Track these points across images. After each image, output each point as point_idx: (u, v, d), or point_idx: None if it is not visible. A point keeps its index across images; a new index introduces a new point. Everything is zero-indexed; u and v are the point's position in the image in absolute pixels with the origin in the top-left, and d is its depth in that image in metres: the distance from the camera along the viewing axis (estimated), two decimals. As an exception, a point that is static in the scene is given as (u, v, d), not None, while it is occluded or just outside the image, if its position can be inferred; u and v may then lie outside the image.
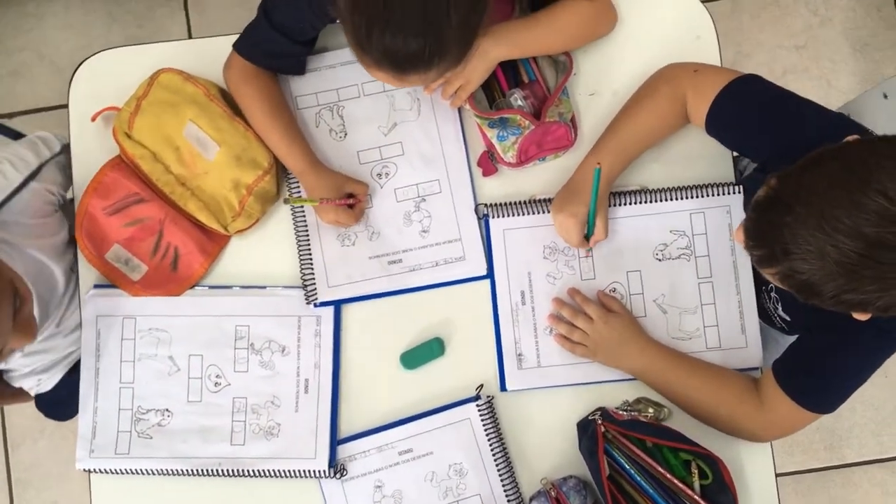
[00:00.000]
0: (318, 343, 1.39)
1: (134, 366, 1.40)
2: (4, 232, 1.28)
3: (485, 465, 1.36)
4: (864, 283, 0.94)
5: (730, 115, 1.27)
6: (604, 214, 1.33)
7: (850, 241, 0.92)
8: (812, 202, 0.95)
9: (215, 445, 1.37)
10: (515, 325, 1.40)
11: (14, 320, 1.15)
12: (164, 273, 1.41)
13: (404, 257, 1.41)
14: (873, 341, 1.18)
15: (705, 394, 1.32)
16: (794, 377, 1.25)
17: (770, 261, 1.01)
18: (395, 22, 1.08)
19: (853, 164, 0.95)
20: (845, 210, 0.92)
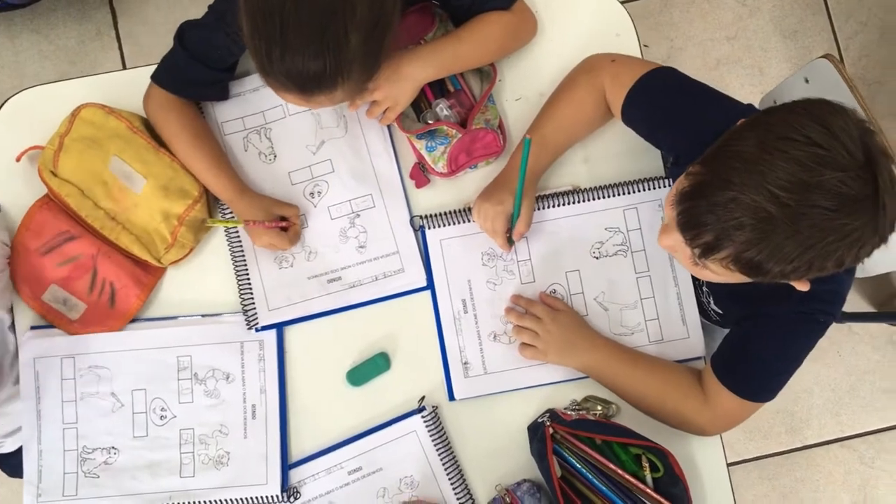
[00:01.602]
0: (263, 368, 1.38)
1: (76, 405, 1.38)
2: None
3: (436, 476, 1.36)
4: (816, 241, 0.95)
5: (644, 107, 1.29)
6: (529, 204, 1.33)
7: (788, 195, 0.93)
8: (748, 169, 0.95)
9: (165, 479, 1.35)
10: (459, 333, 1.40)
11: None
12: (102, 309, 1.39)
13: (343, 274, 1.41)
14: (797, 326, 1.20)
15: (652, 389, 1.33)
16: (730, 370, 1.27)
17: (716, 246, 1.00)
18: (293, 44, 1.09)
19: (776, 125, 0.97)
20: (781, 166, 0.93)
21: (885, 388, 2.40)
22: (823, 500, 2.37)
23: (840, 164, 0.92)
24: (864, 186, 0.93)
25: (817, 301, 1.17)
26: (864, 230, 0.95)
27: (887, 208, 0.94)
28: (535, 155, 1.33)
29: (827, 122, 0.94)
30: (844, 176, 0.92)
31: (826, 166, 0.92)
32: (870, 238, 0.96)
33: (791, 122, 0.96)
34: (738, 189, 0.96)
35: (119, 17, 2.49)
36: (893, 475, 2.37)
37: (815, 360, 2.27)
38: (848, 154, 0.92)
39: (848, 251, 0.96)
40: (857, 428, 2.39)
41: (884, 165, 0.93)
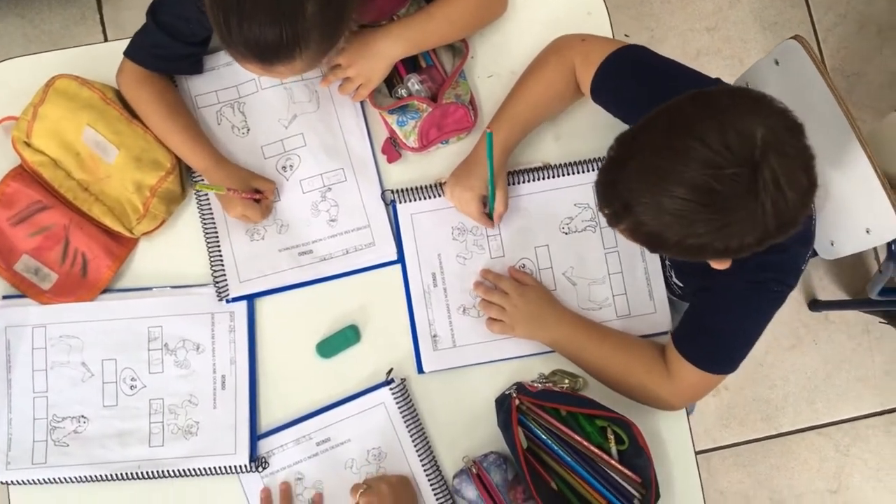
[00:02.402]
0: (233, 339, 1.39)
1: (46, 374, 1.39)
2: None
3: (403, 448, 1.37)
4: (698, 228, 0.98)
5: (613, 85, 1.30)
6: (502, 186, 1.35)
7: (678, 188, 0.96)
8: (644, 156, 1.00)
9: (134, 448, 1.36)
10: (428, 307, 1.41)
11: None
12: (74, 280, 1.40)
13: (314, 247, 1.42)
14: (752, 296, 1.21)
15: (617, 364, 1.34)
16: (690, 342, 1.28)
17: (616, 218, 1.05)
18: (250, 13, 1.10)
19: (677, 117, 1.00)
20: (670, 160, 0.96)
21: (860, 377, 2.42)
22: (798, 487, 2.39)
23: (718, 163, 0.94)
24: (740, 186, 0.94)
25: (771, 270, 1.18)
26: (742, 224, 0.97)
27: (766, 206, 0.95)
28: (505, 132, 1.35)
29: (723, 116, 0.96)
30: (720, 173, 0.94)
31: (705, 163, 0.94)
32: (749, 230, 0.98)
33: (692, 114, 0.99)
34: (629, 172, 1.01)
35: (104, 2, 2.50)
36: (868, 463, 2.39)
37: (791, 348, 2.31)
38: (730, 153, 0.94)
39: (728, 240, 0.99)
40: (832, 416, 2.42)
41: (770, 167, 0.94)
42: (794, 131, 0.97)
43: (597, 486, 1.31)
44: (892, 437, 2.40)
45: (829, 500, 2.38)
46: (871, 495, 2.38)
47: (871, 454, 2.39)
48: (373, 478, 1.32)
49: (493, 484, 1.32)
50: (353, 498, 1.29)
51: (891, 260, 1.79)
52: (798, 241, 1.20)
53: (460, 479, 1.34)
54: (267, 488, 1.36)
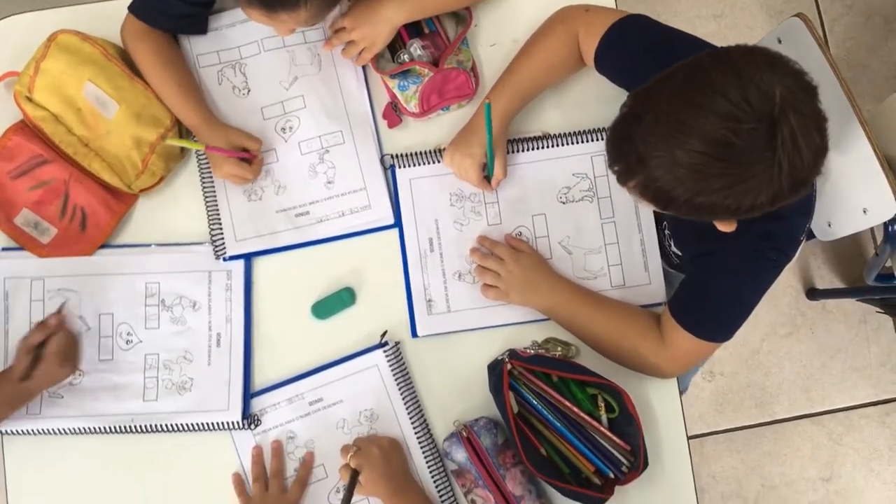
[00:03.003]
0: (230, 297, 1.39)
1: (44, 327, 1.39)
2: None
3: (395, 411, 1.37)
4: (712, 183, 0.98)
5: (616, 53, 1.31)
6: (501, 154, 1.35)
7: (695, 141, 0.96)
8: (660, 109, 0.99)
9: (128, 402, 1.37)
10: (424, 271, 1.42)
11: None
12: (73, 234, 1.41)
13: (311, 209, 1.42)
14: (749, 264, 1.22)
15: (610, 329, 1.35)
16: (685, 309, 1.29)
17: (628, 174, 1.05)
18: None
19: (696, 73, 0.99)
20: (688, 113, 0.96)
21: (855, 367, 2.42)
22: (790, 474, 2.39)
23: (737, 117, 0.94)
24: (759, 141, 0.94)
25: (770, 239, 1.19)
26: (757, 181, 0.97)
27: (783, 164, 0.95)
28: (506, 100, 1.35)
29: (742, 72, 0.95)
30: (739, 127, 0.94)
31: (723, 117, 0.94)
32: (764, 188, 0.97)
33: (711, 68, 0.98)
34: (644, 126, 1.01)
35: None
36: (861, 453, 2.40)
37: (787, 335, 2.31)
38: (750, 107, 0.94)
39: (741, 197, 0.99)
40: (826, 405, 2.42)
41: (789, 124, 0.94)
42: (810, 92, 0.97)
43: (585, 453, 1.32)
44: (885, 428, 2.40)
45: (821, 488, 2.38)
46: (862, 484, 2.38)
47: (863, 444, 2.40)
48: (363, 439, 1.33)
49: (482, 447, 1.32)
50: (344, 459, 1.29)
51: (887, 242, 1.79)
52: (798, 212, 1.21)
53: (450, 442, 1.34)
54: (259, 446, 1.37)
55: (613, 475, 1.31)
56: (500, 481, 1.32)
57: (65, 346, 1.34)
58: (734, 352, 2.41)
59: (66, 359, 1.33)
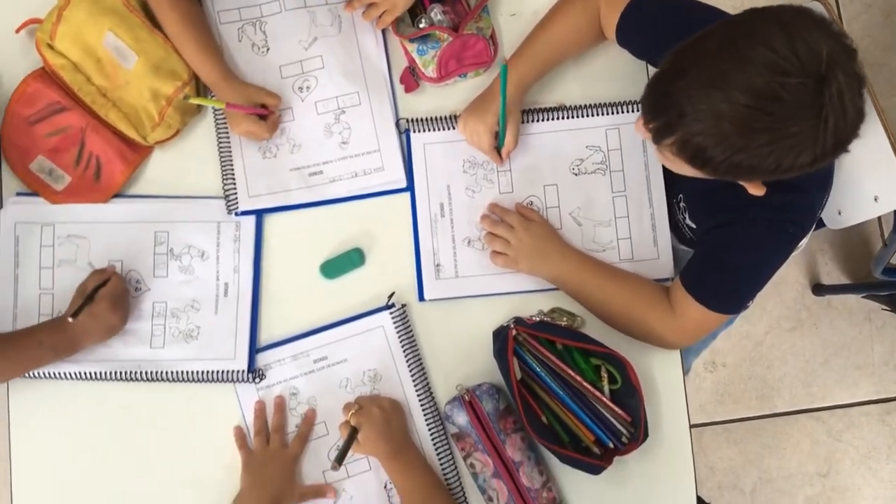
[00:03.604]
0: (238, 248, 1.40)
1: (53, 272, 1.40)
2: None
3: (398, 372, 1.38)
4: (756, 139, 0.97)
5: (638, 26, 1.31)
6: (514, 123, 1.36)
7: (740, 94, 0.95)
8: (703, 63, 0.98)
9: (135, 349, 1.38)
10: (434, 236, 1.42)
11: None
12: (87, 183, 1.42)
13: (325, 169, 1.43)
14: (765, 235, 1.21)
15: (619, 299, 1.35)
16: (698, 281, 1.29)
17: (666, 130, 1.04)
18: None
19: (741, 26, 0.99)
20: (734, 65, 0.95)
21: (858, 364, 2.42)
22: (788, 468, 2.39)
23: (785, 70, 0.93)
24: (807, 96, 0.94)
25: (787, 211, 1.19)
26: (801, 138, 0.96)
27: (829, 122, 0.95)
28: (523, 69, 1.36)
29: (789, 28, 0.95)
30: (787, 81, 0.93)
31: (771, 69, 0.94)
32: (808, 146, 0.97)
33: (757, 23, 0.98)
34: (688, 80, 1.00)
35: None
36: (860, 450, 2.40)
37: (791, 330, 2.31)
38: (798, 61, 0.93)
39: (784, 155, 0.98)
40: (827, 400, 2.42)
41: (837, 81, 0.93)
42: (852, 55, 0.97)
43: (586, 421, 1.33)
44: (885, 426, 2.40)
45: (818, 484, 2.38)
46: (859, 482, 2.39)
47: (862, 441, 2.40)
48: (365, 398, 1.34)
49: (484, 412, 1.33)
50: (345, 417, 1.30)
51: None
52: (817, 186, 1.21)
53: (452, 405, 1.35)
54: (261, 401, 1.38)
55: (613, 445, 1.32)
56: (500, 446, 1.33)
57: (118, 291, 1.34)
58: (737, 343, 2.41)
59: (117, 304, 1.33)
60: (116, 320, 1.34)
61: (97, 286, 1.33)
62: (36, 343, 1.30)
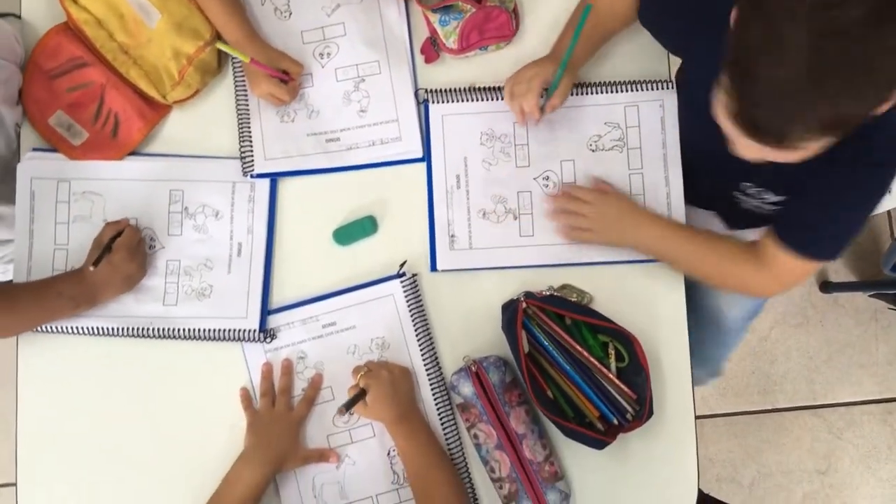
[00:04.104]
0: (252, 209, 1.41)
1: (68, 228, 1.41)
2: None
3: (406, 341, 1.38)
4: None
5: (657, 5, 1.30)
6: (568, 81, 1.34)
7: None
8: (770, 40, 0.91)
9: (148, 305, 1.38)
10: (450, 207, 1.42)
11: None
12: (104, 139, 1.42)
13: (342, 136, 1.43)
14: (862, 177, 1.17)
15: (707, 260, 1.35)
16: (791, 230, 1.26)
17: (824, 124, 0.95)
18: None
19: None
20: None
21: (861, 363, 2.42)
22: (788, 464, 2.39)
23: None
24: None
25: (879, 151, 1.14)
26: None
27: None
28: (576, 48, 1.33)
29: None
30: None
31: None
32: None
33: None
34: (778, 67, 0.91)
35: None
36: (860, 448, 2.40)
37: (797, 326, 2.31)
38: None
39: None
40: (829, 398, 2.42)
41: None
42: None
43: (592, 397, 1.33)
44: (886, 426, 2.40)
45: (817, 481, 2.38)
46: (858, 480, 2.39)
47: (863, 440, 2.40)
48: (376, 363, 1.34)
49: (490, 383, 1.33)
50: (354, 379, 1.31)
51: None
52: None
53: (459, 375, 1.35)
54: (269, 363, 1.38)
55: (617, 422, 1.32)
56: (504, 418, 1.33)
57: (134, 240, 1.35)
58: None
59: (134, 253, 1.34)
60: (135, 269, 1.34)
61: (113, 237, 1.33)
62: (55, 294, 1.31)
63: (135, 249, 1.34)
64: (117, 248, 1.32)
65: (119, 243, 1.33)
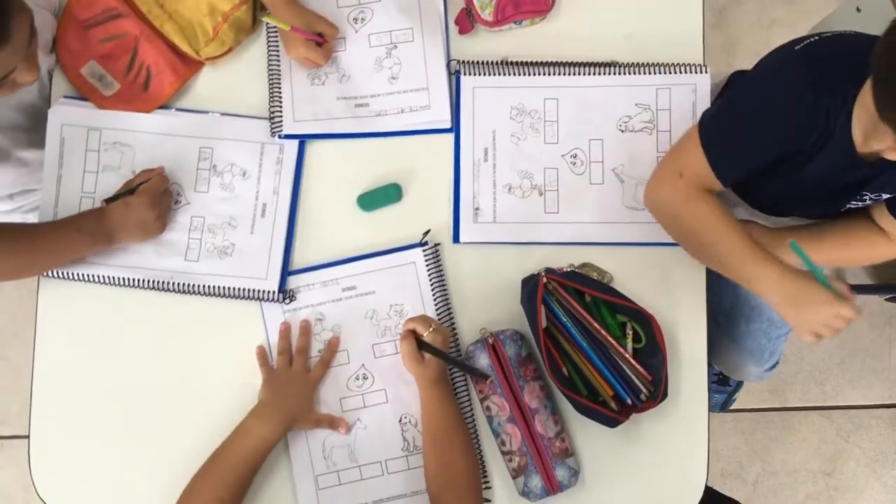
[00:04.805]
0: (279, 170, 1.41)
1: (97, 177, 1.41)
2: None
3: (425, 309, 1.39)
4: None
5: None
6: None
7: None
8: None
9: (169, 259, 1.39)
10: (476, 179, 1.42)
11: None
12: (135, 91, 1.43)
13: (371, 102, 1.43)
14: None
15: (839, 254, 1.40)
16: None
17: None
18: None
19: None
20: None
21: (874, 367, 2.41)
22: (793, 463, 2.39)
23: None
24: None
25: None
26: None
27: None
28: None
29: None
30: None
31: None
32: None
33: None
34: None
35: None
36: (866, 452, 2.39)
37: (811, 326, 2.29)
38: None
39: None
40: (839, 400, 2.41)
41: None
42: None
43: (607, 376, 1.33)
44: (894, 432, 2.39)
45: (821, 482, 2.38)
46: (862, 484, 2.38)
47: (870, 444, 2.39)
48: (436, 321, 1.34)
49: (506, 356, 1.34)
50: (424, 330, 1.29)
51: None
52: None
53: (475, 347, 1.36)
54: (287, 322, 1.39)
55: (631, 401, 1.32)
56: (518, 392, 1.33)
57: (159, 189, 1.35)
58: (755, 334, 2.40)
59: (155, 202, 1.34)
60: (152, 217, 1.34)
61: (142, 182, 1.34)
62: (74, 229, 1.32)
63: (157, 198, 1.35)
64: (140, 192, 1.33)
65: (143, 188, 1.33)
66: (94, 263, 1.38)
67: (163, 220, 1.37)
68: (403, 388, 1.37)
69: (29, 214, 1.63)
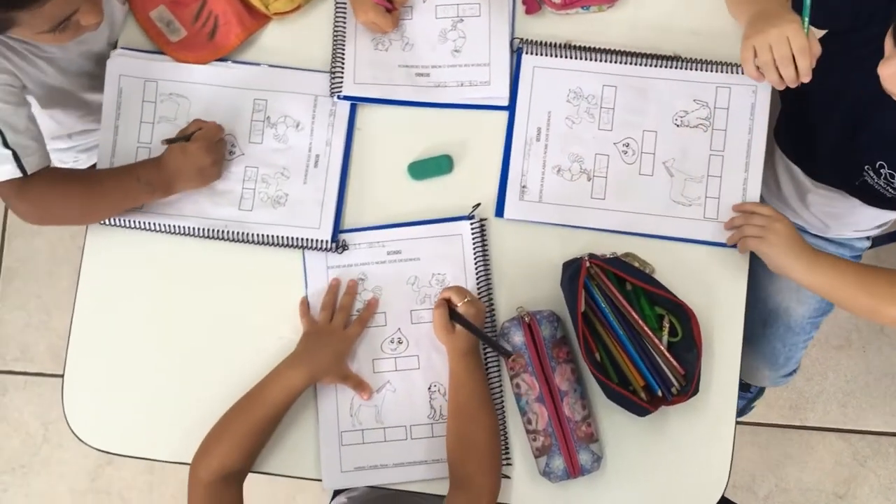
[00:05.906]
0: (332, 122, 1.42)
1: (153, 128, 1.43)
2: None
3: (466, 282, 1.40)
4: None
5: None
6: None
7: None
8: None
9: (224, 209, 1.41)
10: (526, 158, 1.43)
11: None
12: (201, 40, 1.44)
13: (432, 72, 1.44)
14: None
15: (881, 300, 1.30)
16: None
17: None
18: None
19: None
20: None
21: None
22: (807, 482, 2.38)
23: None
24: None
25: None
26: None
27: None
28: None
29: None
30: None
31: None
32: None
33: None
34: None
35: None
36: (881, 479, 2.38)
37: (838, 347, 2.30)
38: None
39: None
40: (859, 424, 2.40)
41: None
42: None
43: (640, 366, 1.33)
44: (912, 462, 2.38)
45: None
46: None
47: (886, 471, 2.38)
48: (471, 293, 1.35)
49: (541, 336, 1.34)
50: (458, 300, 1.32)
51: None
52: None
53: (511, 324, 1.36)
54: (338, 278, 1.40)
55: (661, 394, 1.32)
56: (549, 373, 1.34)
57: (214, 136, 1.37)
58: (782, 350, 2.39)
59: (211, 148, 1.36)
60: (209, 163, 1.35)
61: (195, 130, 1.36)
62: (134, 178, 1.34)
63: (213, 145, 1.36)
64: (196, 138, 1.35)
65: (198, 135, 1.35)
66: (150, 212, 1.41)
67: (219, 167, 1.38)
68: (436, 356, 1.38)
69: (82, 154, 1.65)
